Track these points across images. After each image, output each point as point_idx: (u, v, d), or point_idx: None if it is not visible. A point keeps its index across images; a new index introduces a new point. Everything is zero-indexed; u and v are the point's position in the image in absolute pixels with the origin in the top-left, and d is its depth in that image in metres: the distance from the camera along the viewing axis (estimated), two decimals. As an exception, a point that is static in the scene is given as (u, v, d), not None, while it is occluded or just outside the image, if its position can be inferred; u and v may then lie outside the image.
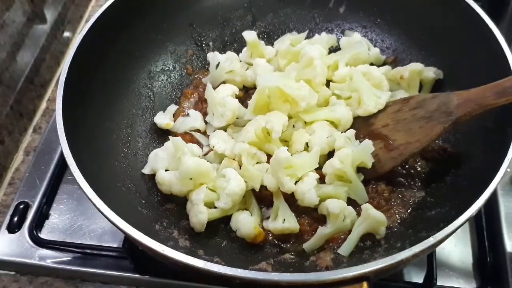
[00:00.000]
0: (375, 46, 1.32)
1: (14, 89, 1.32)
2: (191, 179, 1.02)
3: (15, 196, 1.20)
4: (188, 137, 1.18)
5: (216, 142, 1.12)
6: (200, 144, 1.18)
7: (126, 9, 1.19)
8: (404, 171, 1.11)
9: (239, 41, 1.36)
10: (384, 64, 1.30)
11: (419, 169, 1.11)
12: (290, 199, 1.04)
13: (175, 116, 1.24)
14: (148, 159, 1.13)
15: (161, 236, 1.01)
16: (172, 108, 1.25)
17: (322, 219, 1.03)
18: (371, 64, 1.28)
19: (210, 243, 1.02)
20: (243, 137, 1.07)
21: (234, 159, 1.09)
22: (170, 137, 1.11)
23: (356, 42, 1.26)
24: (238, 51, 1.35)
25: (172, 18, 1.31)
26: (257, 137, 1.06)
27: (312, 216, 1.05)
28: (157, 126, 1.22)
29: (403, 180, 1.10)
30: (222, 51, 1.34)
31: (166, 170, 1.07)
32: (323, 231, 0.99)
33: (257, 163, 1.08)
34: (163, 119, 1.21)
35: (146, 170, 1.11)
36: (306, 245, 1.01)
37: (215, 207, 1.03)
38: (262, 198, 1.08)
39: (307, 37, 1.32)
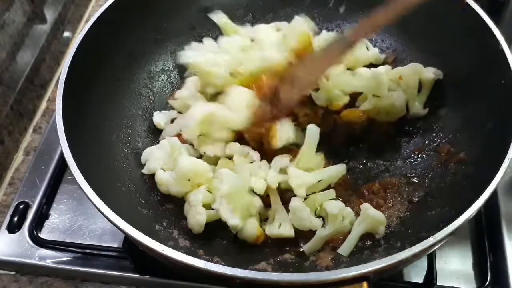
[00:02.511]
0: (375, 46, 1.32)
1: (14, 89, 1.32)
2: (189, 180, 1.02)
3: (15, 196, 1.20)
4: (182, 138, 1.17)
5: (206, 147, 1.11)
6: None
7: (126, 9, 1.19)
8: (404, 171, 1.11)
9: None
10: (384, 63, 1.30)
11: (419, 169, 1.11)
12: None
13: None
14: (143, 156, 1.12)
15: (161, 236, 1.01)
16: (172, 113, 1.23)
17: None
18: (371, 64, 1.28)
19: (210, 243, 1.02)
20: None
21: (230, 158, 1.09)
22: (166, 136, 1.10)
23: None
24: (238, 51, 1.35)
25: (172, 18, 1.31)
26: None
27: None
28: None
29: (403, 180, 1.10)
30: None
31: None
32: (321, 233, 0.99)
33: (250, 162, 1.07)
34: (161, 119, 1.21)
35: (145, 170, 1.11)
36: (305, 248, 1.01)
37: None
38: (262, 197, 1.08)
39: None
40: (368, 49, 1.29)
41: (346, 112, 1.18)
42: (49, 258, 1.11)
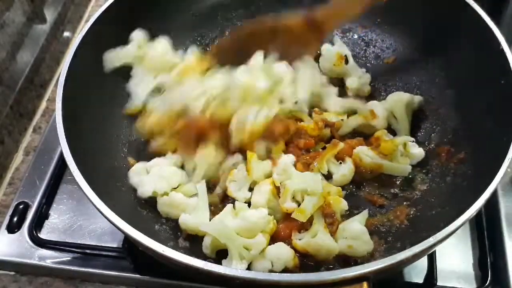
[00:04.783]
0: (375, 46, 1.33)
1: (14, 89, 1.32)
2: None
3: (15, 196, 1.20)
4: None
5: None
6: None
7: (126, 9, 1.19)
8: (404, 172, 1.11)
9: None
10: (384, 64, 1.30)
11: (419, 169, 1.11)
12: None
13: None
14: (132, 180, 1.07)
15: (161, 236, 1.01)
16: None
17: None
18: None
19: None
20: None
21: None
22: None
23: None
24: (238, 51, 1.35)
25: (172, 18, 1.31)
26: None
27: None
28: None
29: (403, 180, 1.10)
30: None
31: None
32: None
33: None
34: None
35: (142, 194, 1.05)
36: None
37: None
38: None
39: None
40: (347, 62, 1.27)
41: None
42: (49, 258, 1.11)
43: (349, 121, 1.15)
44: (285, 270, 0.94)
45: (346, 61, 1.26)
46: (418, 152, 1.11)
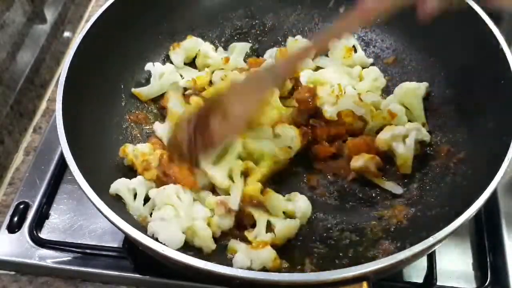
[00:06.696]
0: (374, 46, 1.33)
1: (14, 89, 1.32)
2: None
3: (15, 196, 1.20)
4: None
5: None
6: None
7: (126, 9, 1.19)
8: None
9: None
10: (384, 64, 1.30)
11: (418, 169, 1.11)
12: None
13: None
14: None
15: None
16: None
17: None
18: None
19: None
20: None
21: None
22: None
23: None
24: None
25: (172, 18, 1.31)
26: None
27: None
28: (157, 126, 1.22)
29: (403, 180, 1.10)
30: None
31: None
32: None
33: None
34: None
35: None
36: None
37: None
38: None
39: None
40: (356, 51, 1.29)
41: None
42: (49, 258, 1.11)
43: (371, 125, 1.14)
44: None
45: (355, 50, 1.29)
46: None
